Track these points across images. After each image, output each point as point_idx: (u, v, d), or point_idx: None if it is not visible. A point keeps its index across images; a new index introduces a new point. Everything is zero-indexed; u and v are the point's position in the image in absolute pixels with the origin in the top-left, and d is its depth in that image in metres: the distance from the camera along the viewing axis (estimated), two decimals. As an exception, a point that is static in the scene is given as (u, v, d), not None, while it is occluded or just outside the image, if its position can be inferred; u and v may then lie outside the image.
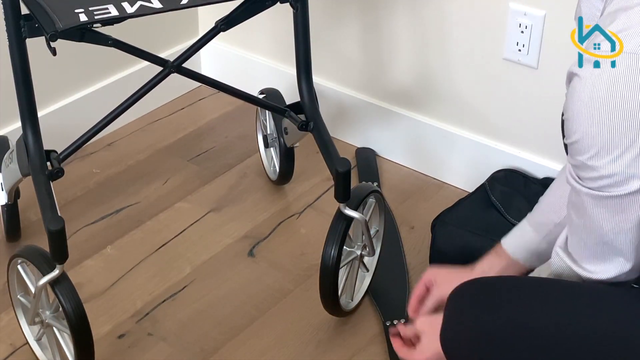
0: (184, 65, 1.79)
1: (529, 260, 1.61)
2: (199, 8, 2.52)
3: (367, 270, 1.90)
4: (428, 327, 1.45)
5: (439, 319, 1.39)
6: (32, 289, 1.66)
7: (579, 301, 1.31)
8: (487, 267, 1.62)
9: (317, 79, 1.99)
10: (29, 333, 1.76)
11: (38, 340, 1.74)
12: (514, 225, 1.67)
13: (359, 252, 1.83)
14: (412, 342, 1.50)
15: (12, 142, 1.86)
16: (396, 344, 1.52)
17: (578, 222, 1.31)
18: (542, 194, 1.64)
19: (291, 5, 1.79)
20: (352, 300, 1.89)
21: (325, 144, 1.83)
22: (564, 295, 1.33)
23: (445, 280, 1.61)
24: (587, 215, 1.28)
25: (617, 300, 1.30)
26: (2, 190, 1.92)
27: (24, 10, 1.64)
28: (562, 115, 1.31)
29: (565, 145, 1.31)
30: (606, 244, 1.29)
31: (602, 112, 1.22)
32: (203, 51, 2.40)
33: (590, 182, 1.26)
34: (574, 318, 1.29)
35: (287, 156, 2.14)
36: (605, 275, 1.31)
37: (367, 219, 1.80)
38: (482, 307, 1.34)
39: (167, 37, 2.49)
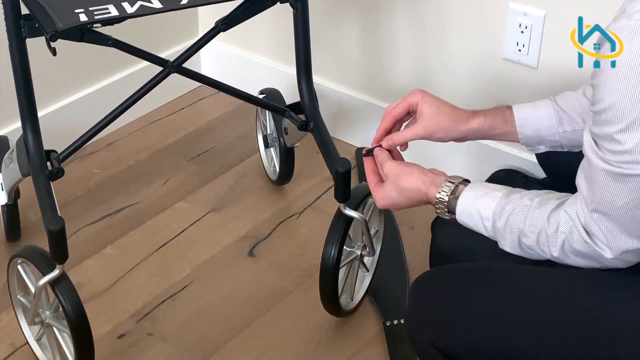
0: (184, 65, 1.79)
1: (529, 140, 1.56)
2: (199, 8, 2.52)
3: (367, 270, 1.90)
4: (393, 176, 1.48)
5: (402, 168, 1.46)
6: (32, 289, 1.66)
7: (545, 286, 1.34)
8: (487, 126, 1.56)
9: (317, 79, 1.99)
10: (29, 333, 1.76)
11: (38, 340, 1.74)
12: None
13: (359, 252, 1.83)
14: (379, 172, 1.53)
15: (12, 142, 1.86)
16: (367, 166, 1.54)
17: (587, 194, 1.28)
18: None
19: (291, 5, 1.79)
20: (352, 300, 1.89)
21: (325, 144, 1.83)
22: (520, 281, 1.36)
23: (432, 116, 1.55)
24: (599, 188, 1.25)
25: (581, 282, 1.32)
26: (2, 190, 1.92)
27: (24, 10, 1.64)
28: (591, 79, 1.26)
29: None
30: None
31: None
32: (203, 51, 2.40)
33: (611, 155, 1.22)
34: (538, 303, 1.33)
35: (287, 156, 2.14)
36: (610, 254, 1.28)
37: (367, 219, 1.80)
38: (445, 295, 1.39)
39: (167, 37, 2.49)
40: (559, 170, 1.67)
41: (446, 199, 1.42)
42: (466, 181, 1.44)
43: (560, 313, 1.31)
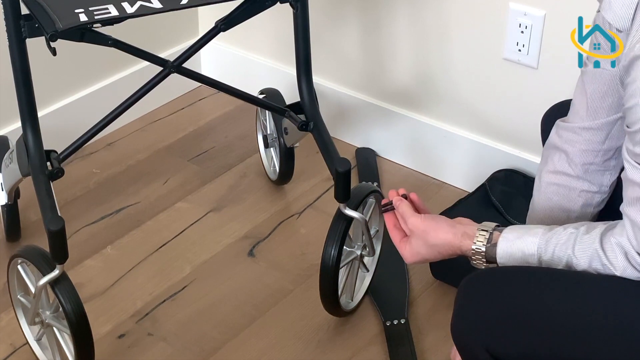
0: (184, 65, 1.79)
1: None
2: (199, 8, 2.52)
3: (367, 270, 1.90)
4: (420, 232, 1.44)
5: (429, 223, 1.42)
6: (32, 289, 1.66)
7: (591, 290, 1.28)
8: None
9: (317, 79, 1.99)
10: (29, 333, 1.76)
11: (38, 340, 1.74)
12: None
13: (359, 252, 1.83)
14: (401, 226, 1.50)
15: (12, 142, 1.86)
16: (389, 221, 1.52)
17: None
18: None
19: (291, 5, 1.79)
20: (352, 300, 1.89)
21: (325, 144, 1.83)
22: (576, 284, 1.30)
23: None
24: None
25: (629, 290, 1.27)
26: (2, 190, 1.92)
27: (24, 10, 1.64)
28: (624, 104, 1.24)
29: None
30: None
31: None
32: (203, 51, 2.40)
33: None
34: (585, 306, 1.28)
35: (287, 156, 2.14)
36: None
37: (367, 219, 1.80)
38: (493, 296, 1.33)
39: (167, 37, 2.49)
40: None
41: (483, 249, 1.38)
42: (499, 226, 1.40)
43: (620, 320, 1.26)
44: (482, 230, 1.39)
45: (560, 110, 1.63)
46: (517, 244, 1.35)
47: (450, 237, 1.41)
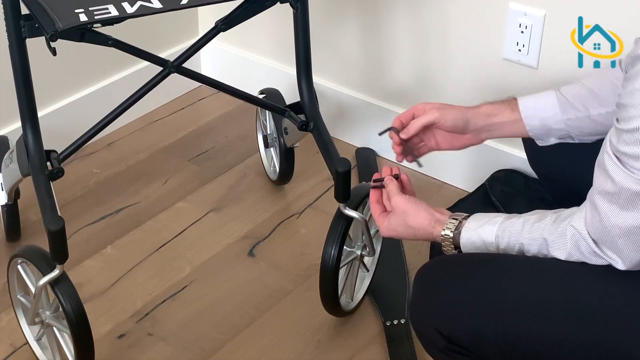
0: (184, 65, 1.79)
1: (537, 130, 1.58)
2: (199, 8, 2.52)
3: (367, 270, 1.90)
4: (401, 212, 1.51)
5: (411, 206, 1.50)
6: (32, 289, 1.66)
7: (538, 272, 1.35)
8: (495, 110, 1.60)
9: (317, 79, 1.99)
10: (29, 333, 1.76)
11: (38, 340, 1.74)
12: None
13: (359, 252, 1.83)
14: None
15: (12, 142, 1.86)
16: (373, 196, 1.58)
17: (605, 209, 1.27)
18: (542, 194, 1.64)
19: (291, 5, 1.79)
20: (352, 300, 1.89)
21: (325, 144, 1.83)
22: (523, 267, 1.37)
23: (442, 107, 1.62)
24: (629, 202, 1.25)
25: (582, 274, 1.32)
26: (2, 190, 1.92)
27: (24, 10, 1.64)
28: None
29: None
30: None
31: None
32: (203, 51, 2.40)
33: None
34: (533, 287, 1.34)
35: (287, 156, 2.14)
36: (622, 266, 1.29)
37: (367, 219, 1.79)
38: (445, 281, 1.40)
39: (167, 37, 2.49)
40: (551, 170, 1.68)
41: (451, 234, 1.45)
42: (469, 216, 1.47)
43: (565, 299, 1.32)
44: (453, 218, 1.47)
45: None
46: (479, 232, 1.43)
47: (425, 222, 1.49)
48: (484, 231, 1.42)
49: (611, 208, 1.26)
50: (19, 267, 1.69)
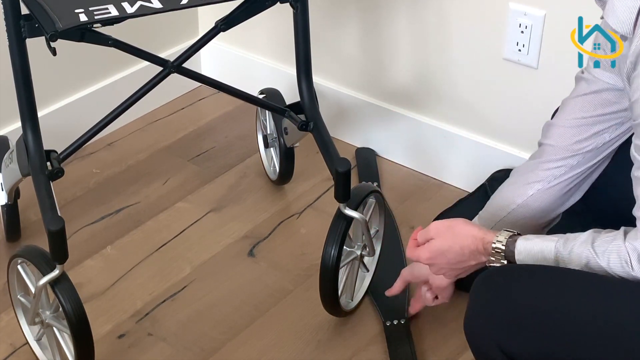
0: (184, 65, 1.79)
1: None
2: (199, 8, 2.52)
3: (367, 270, 1.90)
4: (445, 228, 1.51)
5: (452, 221, 1.50)
6: (32, 289, 1.66)
7: (611, 292, 1.28)
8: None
9: (317, 79, 1.99)
10: (29, 333, 1.76)
11: (38, 340, 1.74)
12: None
13: (359, 252, 1.83)
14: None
15: (12, 142, 1.86)
16: (410, 245, 1.57)
17: None
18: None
19: (291, 5, 1.79)
20: (352, 300, 1.89)
21: (325, 144, 1.83)
22: (595, 285, 1.29)
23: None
24: None
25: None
26: (2, 190, 1.92)
27: (24, 10, 1.64)
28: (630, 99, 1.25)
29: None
30: None
31: None
32: (203, 51, 2.40)
33: None
34: (605, 308, 1.26)
35: (287, 156, 2.14)
36: None
37: (367, 219, 1.79)
38: (508, 294, 1.32)
39: (167, 37, 2.49)
40: None
41: (504, 243, 1.41)
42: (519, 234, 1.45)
43: None
44: (505, 230, 1.43)
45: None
46: (537, 242, 1.38)
47: (475, 231, 1.46)
48: (544, 241, 1.38)
49: None
50: (19, 267, 1.69)
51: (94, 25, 1.57)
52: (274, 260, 2.04)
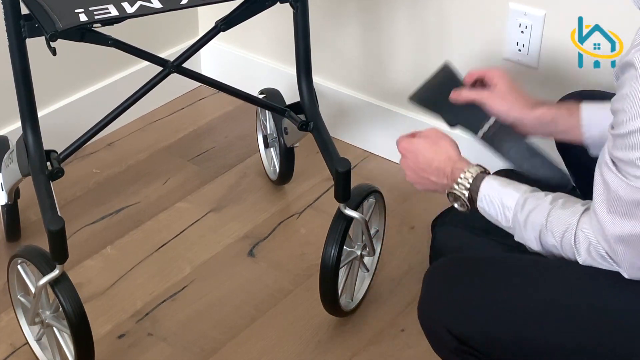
0: (184, 65, 1.79)
1: (595, 140, 1.52)
2: (199, 8, 2.52)
3: (367, 270, 1.90)
4: (438, 132, 1.51)
5: (448, 138, 1.49)
6: (32, 289, 1.66)
7: (554, 276, 1.32)
8: (549, 117, 1.56)
9: (317, 79, 1.99)
10: (29, 333, 1.76)
11: (38, 340, 1.74)
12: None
13: (359, 252, 1.83)
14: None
15: (12, 142, 1.86)
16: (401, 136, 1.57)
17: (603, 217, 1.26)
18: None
19: (291, 5, 1.79)
20: (352, 300, 1.89)
21: (325, 144, 1.83)
22: (538, 271, 1.34)
23: (504, 91, 1.59)
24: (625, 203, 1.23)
25: (600, 279, 1.29)
26: (2, 190, 1.92)
27: (24, 10, 1.64)
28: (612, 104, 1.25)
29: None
30: None
31: None
32: (203, 51, 2.40)
33: (636, 180, 1.21)
34: (548, 291, 1.32)
35: (287, 156, 2.14)
36: (625, 274, 1.27)
37: (367, 219, 1.80)
38: (456, 281, 1.38)
39: (167, 37, 2.49)
40: (578, 160, 1.65)
41: (470, 181, 1.42)
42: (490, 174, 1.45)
43: (583, 304, 1.30)
44: (478, 165, 1.45)
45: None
46: (500, 193, 1.39)
47: (454, 153, 1.48)
48: (506, 193, 1.39)
49: (610, 217, 1.25)
50: (19, 267, 1.69)
51: (94, 25, 1.57)
52: (274, 260, 2.04)
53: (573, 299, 1.30)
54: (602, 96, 1.57)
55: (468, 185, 1.43)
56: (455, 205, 1.47)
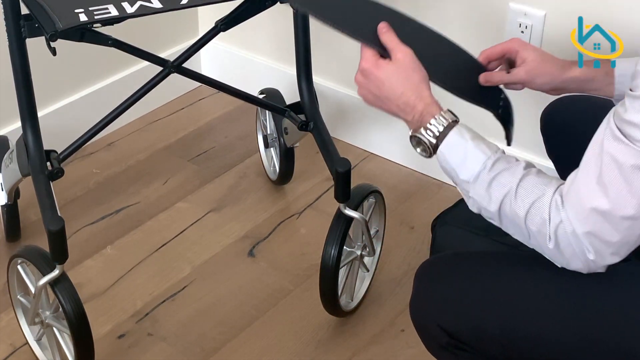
0: (184, 65, 1.79)
1: (622, 98, 1.41)
2: (199, 8, 2.52)
3: (367, 270, 1.90)
4: (408, 63, 1.42)
5: (414, 67, 1.40)
6: (32, 289, 1.66)
7: (541, 270, 1.32)
8: (589, 76, 1.51)
9: (317, 79, 1.99)
10: (29, 333, 1.76)
11: (38, 340, 1.74)
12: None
13: (359, 252, 1.83)
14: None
15: (12, 142, 1.86)
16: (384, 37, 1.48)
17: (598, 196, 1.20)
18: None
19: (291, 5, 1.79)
20: (352, 300, 1.89)
21: (325, 144, 1.83)
22: (526, 265, 1.34)
23: (537, 62, 1.51)
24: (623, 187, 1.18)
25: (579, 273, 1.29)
26: (2, 190, 1.92)
27: (24, 10, 1.64)
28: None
29: None
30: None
31: None
32: (203, 51, 2.40)
33: None
34: (544, 287, 1.32)
35: (287, 156, 2.14)
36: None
37: (367, 219, 1.80)
38: (452, 278, 1.38)
39: (167, 37, 2.49)
40: (560, 135, 1.63)
41: (440, 129, 1.35)
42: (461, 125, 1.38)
43: (566, 299, 1.31)
44: (450, 112, 1.38)
45: (560, 106, 1.63)
46: (470, 143, 1.33)
47: (426, 93, 1.39)
48: (476, 146, 1.32)
49: (598, 187, 1.19)
50: (19, 267, 1.69)
51: (94, 25, 1.57)
52: (273, 260, 2.04)
53: (561, 293, 1.31)
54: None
55: (437, 134, 1.36)
56: (417, 150, 1.38)
